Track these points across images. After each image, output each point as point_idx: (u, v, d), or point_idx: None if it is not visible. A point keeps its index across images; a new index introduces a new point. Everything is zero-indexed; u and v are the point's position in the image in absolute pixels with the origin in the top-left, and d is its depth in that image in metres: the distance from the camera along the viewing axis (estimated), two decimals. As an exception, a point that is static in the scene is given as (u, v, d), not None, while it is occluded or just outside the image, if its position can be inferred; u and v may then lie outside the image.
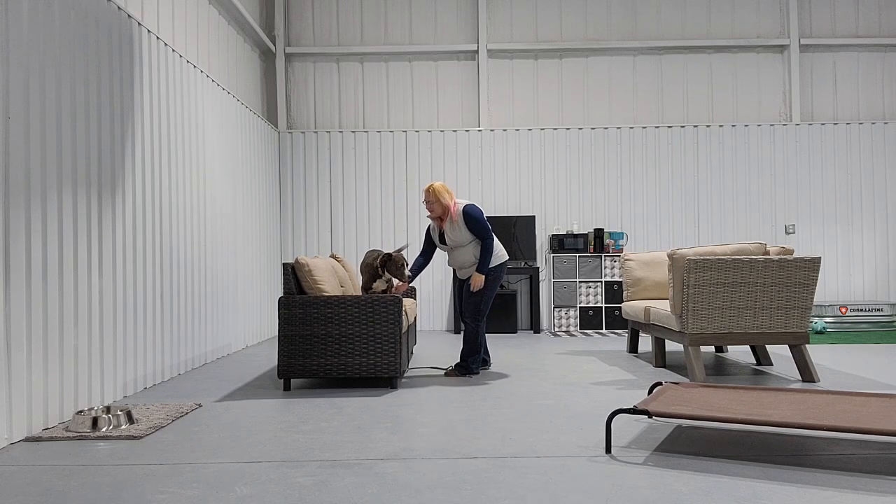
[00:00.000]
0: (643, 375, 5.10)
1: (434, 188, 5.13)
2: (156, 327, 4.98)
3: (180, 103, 5.57)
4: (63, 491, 2.64)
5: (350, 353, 4.63)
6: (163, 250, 5.14)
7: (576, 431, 3.44)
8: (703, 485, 2.60)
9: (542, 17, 8.83)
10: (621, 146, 8.70)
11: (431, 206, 5.14)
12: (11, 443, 3.34)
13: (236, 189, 6.97)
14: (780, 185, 8.69)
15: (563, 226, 8.68)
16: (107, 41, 4.40)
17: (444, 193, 5.13)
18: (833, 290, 8.67)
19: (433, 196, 5.12)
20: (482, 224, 5.13)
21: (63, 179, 3.83)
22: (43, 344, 3.60)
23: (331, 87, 8.86)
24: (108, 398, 4.28)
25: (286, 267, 4.77)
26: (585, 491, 2.56)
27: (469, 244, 5.16)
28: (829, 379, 4.85)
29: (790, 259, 4.67)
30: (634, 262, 6.17)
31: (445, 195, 5.13)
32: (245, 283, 7.16)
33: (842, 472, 2.72)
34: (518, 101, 8.83)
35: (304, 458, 3.03)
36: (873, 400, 3.25)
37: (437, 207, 5.14)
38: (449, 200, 5.14)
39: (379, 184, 8.70)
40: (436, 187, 5.13)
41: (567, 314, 8.35)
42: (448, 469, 2.85)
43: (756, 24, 8.84)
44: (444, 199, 5.12)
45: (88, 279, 4.05)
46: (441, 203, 5.12)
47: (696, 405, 3.16)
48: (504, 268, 5.25)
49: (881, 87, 8.85)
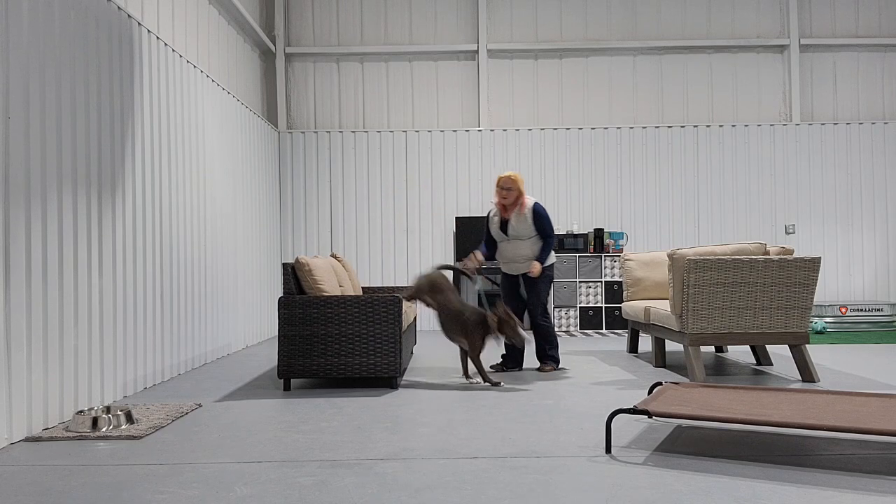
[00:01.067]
0: (643, 375, 5.10)
1: (514, 176, 5.24)
2: (156, 327, 4.98)
3: (180, 103, 5.57)
4: (63, 491, 2.64)
5: (350, 353, 4.63)
6: (163, 250, 5.14)
7: (576, 431, 3.44)
8: (703, 485, 2.60)
9: (542, 17, 8.83)
10: (621, 146, 8.70)
11: (509, 192, 5.21)
12: (11, 443, 3.34)
13: (236, 189, 6.97)
14: (780, 185, 8.69)
15: (563, 226, 8.68)
16: (107, 41, 4.40)
17: (522, 183, 5.28)
18: (833, 290, 8.67)
19: (513, 183, 5.22)
20: (550, 223, 5.30)
21: (63, 179, 3.83)
22: (43, 344, 3.60)
23: (331, 87, 8.86)
24: (108, 398, 4.28)
25: (286, 267, 4.77)
26: (585, 491, 2.56)
27: (529, 239, 5.25)
28: (829, 379, 4.85)
29: (790, 259, 4.67)
30: (634, 262, 6.17)
31: (522, 184, 5.29)
32: (245, 283, 7.16)
33: (842, 472, 2.72)
34: (518, 101, 8.83)
35: (304, 458, 3.03)
36: (873, 400, 3.25)
37: (513, 195, 5.22)
38: (524, 190, 5.30)
39: (379, 184, 8.70)
40: (515, 176, 5.25)
41: (567, 314, 8.35)
42: (448, 469, 2.85)
43: (756, 24, 8.84)
44: (521, 188, 5.27)
45: (88, 279, 4.05)
46: (519, 190, 5.24)
47: (696, 405, 3.16)
48: (554, 267, 5.52)
49: (881, 87, 8.85)
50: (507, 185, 5.25)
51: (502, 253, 5.36)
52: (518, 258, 5.29)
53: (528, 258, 5.27)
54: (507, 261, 5.35)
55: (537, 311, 5.28)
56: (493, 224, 5.41)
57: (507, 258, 5.35)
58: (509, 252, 5.31)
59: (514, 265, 5.34)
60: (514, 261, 5.31)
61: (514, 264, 5.33)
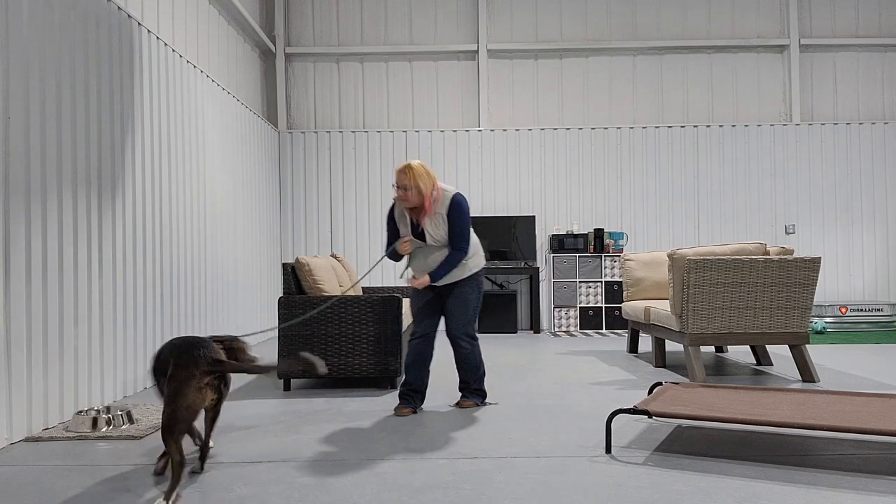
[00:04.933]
0: (643, 375, 5.10)
1: (413, 170, 3.79)
2: (156, 327, 4.98)
3: (180, 103, 5.57)
4: (63, 491, 2.64)
5: (350, 353, 4.63)
6: (163, 250, 5.14)
7: (576, 431, 3.44)
8: (703, 485, 2.60)
9: (542, 17, 8.83)
10: (621, 146, 8.70)
11: (407, 193, 3.81)
12: (11, 443, 3.34)
13: (236, 189, 6.97)
14: (780, 185, 8.69)
15: (563, 226, 8.68)
16: (107, 41, 4.40)
17: (423, 176, 3.80)
18: (833, 290, 8.67)
19: (411, 180, 3.79)
20: (465, 222, 3.89)
21: (63, 179, 3.83)
22: (43, 344, 3.60)
23: (331, 87, 8.86)
24: (108, 398, 4.28)
25: (286, 267, 4.77)
26: (585, 491, 2.56)
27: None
28: (829, 379, 4.85)
29: (790, 259, 4.67)
30: (634, 262, 6.17)
31: (426, 178, 3.81)
32: (245, 283, 7.16)
33: (842, 472, 2.72)
34: (518, 101, 8.83)
35: (304, 458, 3.03)
36: (873, 400, 3.25)
37: (414, 196, 3.82)
38: (430, 185, 3.82)
39: (379, 184, 8.69)
40: (415, 168, 3.80)
41: (567, 314, 8.35)
42: (448, 469, 2.85)
43: (756, 24, 8.84)
44: (423, 185, 3.80)
45: (88, 279, 4.05)
46: (420, 188, 3.81)
47: (696, 405, 3.16)
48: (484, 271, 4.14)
49: (881, 87, 8.85)
50: (402, 182, 3.80)
51: (416, 261, 4.01)
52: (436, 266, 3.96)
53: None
54: (422, 269, 3.99)
55: (461, 329, 3.98)
56: (403, 225, 4.01)
57: (421, 267, 3.99)
58: (425, 262, 3.96)
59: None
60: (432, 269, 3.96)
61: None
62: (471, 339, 4.03)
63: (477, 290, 4.04)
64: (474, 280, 4.03)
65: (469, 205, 4.25)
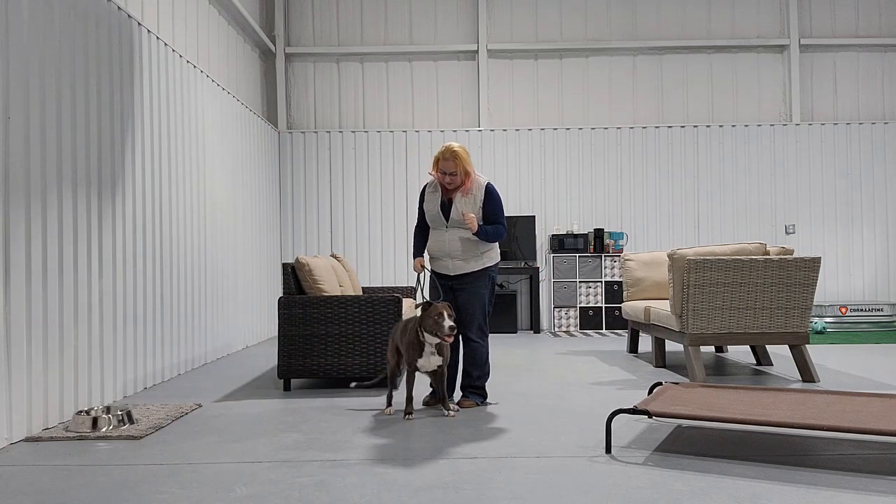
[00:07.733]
0: (643, 375, 5.10)
1: (458, 156, 3.92)
2: (156, 327, 4.98)
3: (180, 103, 5.57)
4: (63, 491, 2.64)
5: (350, 353, 4.63)
6: (163, 250, 5.14)
7: (576, 431, 3.44)
8: (703, 485, 2.60)
9: (542, 17, 8.83)
10: (621, 146, 8.70)
11: (455, 177, 3.96)
12: (11, 443, 3.34)
13: (236, 189, 6.97)
14: (780, 186, 8.69)
15: (563, 226, 8.68)
16: (107, 41, 4.40)
17: (467, 159, 3.97)
18: (833, 290, 8.67)
19: (460, 164, 3.93)
20: (502, 209, 4.08)
21: (63, 179, 3.83)
22: (43, 344, 3.60)
23: (331, 87, 8.86)
24: (108, 398, 4.28)
25: (286, 267, 4.77)
26: (585, 491, 2.56)
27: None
28: (829, 379, 4.85)
29: (790, 259, 4.67)
30: (634, 262, 6.17)
31: (468, 160, 3.99)
32: (245, 283, 7.16)
33: (842, 472, 2.72)
34: (518, 101, 8.83)
35: (304, 458, 3.03)
36: (873, 400, 3.25)
37: (461, 179, 3.99)
38: (471, 165, 4.03)
39: (379, 184, 8.69)
40: (459, 154, 3.92)
41: (567, 314, 8.35)
42: (448, 469, 2.85)
43: (756, 24, 8.84)
44: (469, 168, 3.99)
45: (88, 279, 4.05)
46: (466, 173, 3.98)
47: (696, 405, 3.16)
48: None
49: (881, 87, 8.85)
50: (448, 167, 3.93)
51: (434, 246, 4.09)
52: (459, 251, 4.04)
53: (469, 253, 4.05)
54: (441, 256, 4.09)
55: (473, 323, 4.06)
56: (430, 203, 4.10)
57: (439, 252, 4.08)
58: (444, 244, 4.04)
59: (450, 262, 4.09)
60: (451, 256, 4.05)
61: (449, 261, 4.09)
62: (482, 335, 4.11)
63: (490, 286, 4.14)
64: (487, 275, 4.11)
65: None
